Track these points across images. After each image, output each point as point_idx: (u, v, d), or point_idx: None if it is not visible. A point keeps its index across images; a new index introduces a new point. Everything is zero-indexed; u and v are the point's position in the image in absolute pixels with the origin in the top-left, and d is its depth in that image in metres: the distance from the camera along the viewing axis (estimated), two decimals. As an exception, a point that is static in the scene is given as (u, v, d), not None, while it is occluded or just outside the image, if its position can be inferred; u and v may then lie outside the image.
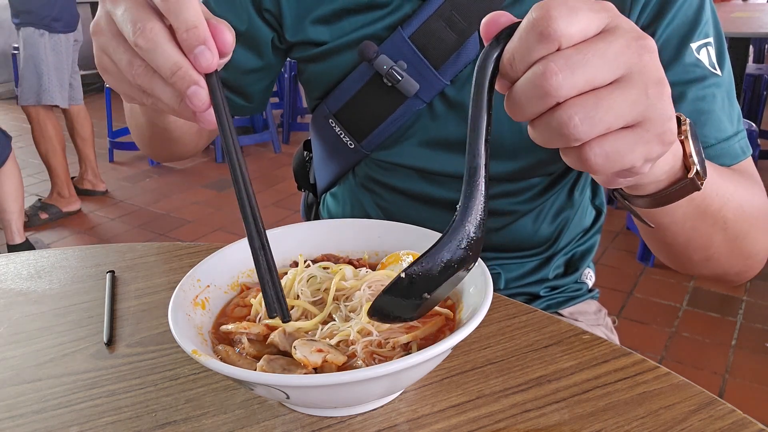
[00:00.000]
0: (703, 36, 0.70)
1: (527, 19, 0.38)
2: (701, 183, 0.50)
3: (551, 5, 0.37)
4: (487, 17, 0.41)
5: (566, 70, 0.37)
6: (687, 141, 0.49)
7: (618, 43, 0.38)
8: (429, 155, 0.81)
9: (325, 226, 0.69)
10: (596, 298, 0.98)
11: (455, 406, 0.54)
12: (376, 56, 0.75)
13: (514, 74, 0.40)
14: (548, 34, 0.37)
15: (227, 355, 0.53)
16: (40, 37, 3.17)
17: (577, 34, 0.37)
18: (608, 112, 0.38)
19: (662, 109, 0.39)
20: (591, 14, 0.38)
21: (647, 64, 0.39)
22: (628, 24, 0.39)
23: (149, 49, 0.44)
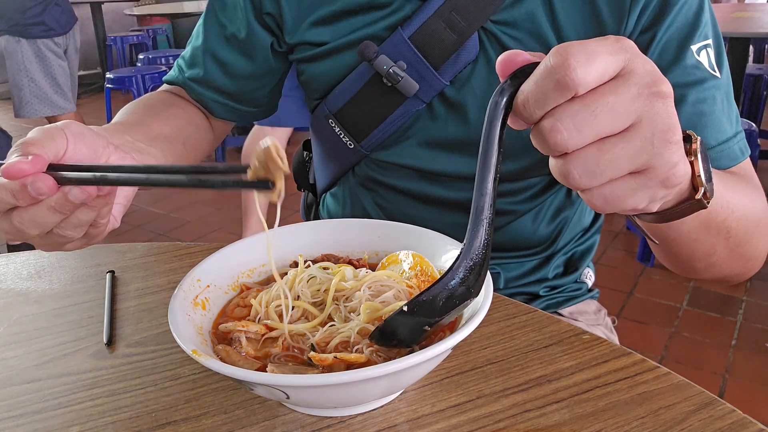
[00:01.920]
0: (703, 38, 0.70)
1: (545, 63, 0.38)
2: (708, 202, 0.50)
3: (570, 52, 0.37)
4: (503, 56, 0.41)
5: (572, 128, 0.38)
6: (696, 161, 0.49)
7: (630, 92, 0.38)
8: (428, 155, 0.81)
9: (325, 226, 0.69)
10: (596, 297, 0.98)
11: (455, 406, 0.54)
12: (376, 56, 0.75)
13: (527, 116, 0.40)
14: (565, 83, 0.37)
15: (227, 355, 0.53)
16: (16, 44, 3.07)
17: (594, 81, 0.37)
18: (609, 166, 0.39)
19: (668, 157, 0.39)
20: (608, 58, 0.38)
21: (658, 112, 0.38)
22: (644, 67, 0.39)
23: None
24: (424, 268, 0.60)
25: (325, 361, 0.49)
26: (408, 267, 0.60)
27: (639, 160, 0.39)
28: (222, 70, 0.86)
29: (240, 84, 0.87)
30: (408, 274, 0.60)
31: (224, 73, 0.86)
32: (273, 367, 0.50)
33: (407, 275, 0.59)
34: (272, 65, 0.86)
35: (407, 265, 0.60)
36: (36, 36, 3.09)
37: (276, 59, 0.86)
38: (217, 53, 0.85)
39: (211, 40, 0.85)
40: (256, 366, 0.52)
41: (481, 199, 0.43)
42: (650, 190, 0.41)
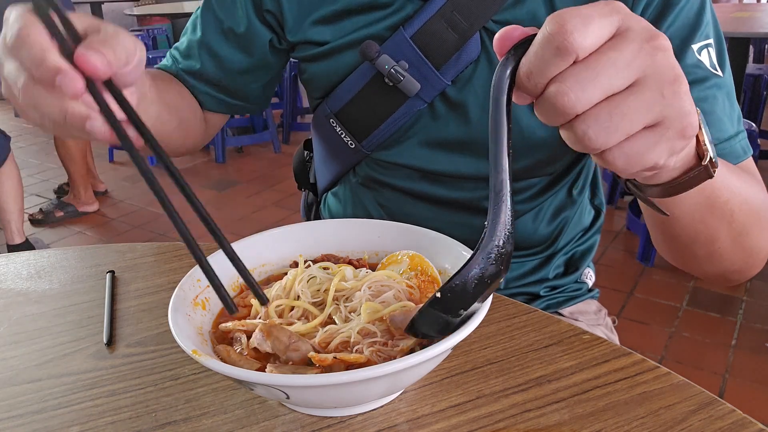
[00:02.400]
0: (704, 37, 0.70)
1: (542, 32, 0.38)
2: (714, 170, 0.50)
3: (565, 18, 0.37)
4: (500, 32, 0.41)
5: (577, 89, 0.38)
6: (701, 130, 0.49)
7: (629, 48, 0.38)
8: (429, 155, 0.81)
9: (325, 226, 0.69)
10: (596, 297, 0.98)
11: (455, 406, 0.54)
12: (377, 56, 0.75)
13: (531, 88, 0.40)
14: (565, 48, 0.37)
15: (228, 355, 0.53)
16: None
17: (592, 43, 0.38)
18: (623, 120, 0.39)
19: (680, 106, 0.39)
20: (603, 20, 0.38)
21: (661, 64, 0.39)
22: (639, 24, 0.39)
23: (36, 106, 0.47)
24: (423, 268, 0.60)
25: (325, 361, 0.49)
26: (407, 267, 0.60)
27: (652, 112, 0.39)
28: (217, 63, 0.85)
29: (234, 78, 0.87)
30: (408, 274, 0.60)
31: (218, 66, 0.86)
32: (272, 367, 0.50)
33: (407, 275, 0.59)
34: (269, 60, 0.86)
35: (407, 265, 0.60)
36: None
37: (274, 55, 0.86)
38: (213, 47, 0.85)
39: (208, 34, 0.85)
40: (256, 366, 0.51)
41: (499, 176, 0.43)
42: (669, 141, 0.40)
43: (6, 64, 0.48)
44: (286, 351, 0.51)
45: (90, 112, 0.46)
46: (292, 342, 0.51)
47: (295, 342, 0.51)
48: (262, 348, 0.52)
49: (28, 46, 0.45)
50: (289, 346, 0.51)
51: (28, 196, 3.50)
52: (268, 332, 0.52)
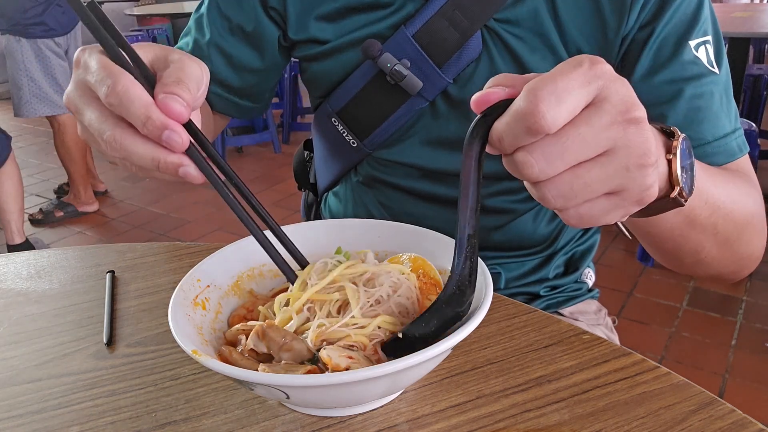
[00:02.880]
0: (702, 34, 0.70)
1: (516, 107, 0.39)
2: (685, 200, 0.51)
3: (540, 96, 0.37)
4: (477, 95, 0.42)
5: (543, 162, 0.39)
6: (675, 159, 0.49)
7: (602, 121, 0.38)
8: (431, 154, 0.81)
9: (325, 226, 0.69)
10: (596, 297, 0.98)
11: (455, 406, 0.54)
12: (379, 54, 0.75)
13: (501, 150, 0.41)
14: (535, 130, 0.38)
15: (230, 355, 0.53)
16: (17, 43, 3.06)
17: (564, 120, 0.38)
18: (584, 189, 0.40)
19: (641, 180, 0.40)
20: (580, 92, 0.38)
21: (632, 138, 0.39)
22: (617, 93, 0.39)
23: (125, 157, 0.47)
24: (425, 270, 0.59)
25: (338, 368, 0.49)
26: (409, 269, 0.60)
27: (613, 183, 0.40)
28: (228, 62, 0.85)
29: (245, 77, 0.86)
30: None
31: (230, 65, 0.85)
32: (264, 366, 0.50)
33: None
34: (278, 60, 0.86)
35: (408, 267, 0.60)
36: (36, 36, 3.08)
37: (281, 54, 0.86)
38: (223, 46, 0.84)
39: (217, 34, 0.84)
40: (257, 366, 0.51)
41: (464, 231, 0.45)
42: (624, 209, 0.41)
43: (87, 112, 0.48)
44: (280, 351, 0.51)
45: (182, 159, 0.48)
46: (286, 342, 0.51)
47: (288, 342, 0.51)
48: (258, 349, 0.52)
49: (128, 102, 0.45)
50: (282, 346, 0.51)
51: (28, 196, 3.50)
52: (263, 333, 0.52)
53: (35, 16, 3.04)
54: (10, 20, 3.02)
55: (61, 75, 3.19)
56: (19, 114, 3.16)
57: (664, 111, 0.69)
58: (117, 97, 0.45)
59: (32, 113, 3.14)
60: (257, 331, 0.53)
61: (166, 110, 0.45)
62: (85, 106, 0.48)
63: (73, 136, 3.28)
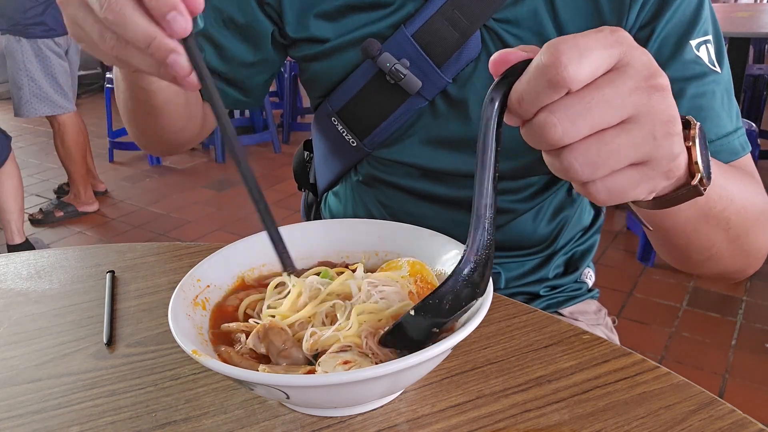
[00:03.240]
0: (702, 33, 0.70)
1: (536, 62, 0.38)
2: (704, 189, 0.50)
3: (561, 49, 0.36)
4: (496, 54, 0.41)
5: (567, 122, 0.37)
6: (694, 147, 0.48)
7: (626, 85, 0.37)
8: (430, 153, 0.81)
9: (324, 226, 0.69)
10: (596, 297, 0.98)
11: (455, 406, 0.54)
12: (379, 54, 0.75)
13: (522, 113, 0.40)
14: (556, 82, 0.37)
15: (228, 356, 0.53)
16: (17, 43, 3.05)
17: (587, 77, 0.37)
18: (610, 156, 0.38)
19: (669, 148, 0.39)
20: (602, 52, 0.37)
21: (656, 104, 0.38)
22: (640, 59, 0.38)
23: (118, 23, 0.44)
24: (423, 275, 0.59)
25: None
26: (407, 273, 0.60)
27: (641, 151, 0.39)
28: (218, 54, 0.84)
29: (236, 70, 0.85)
30: (407, 280, 0.59)
31: (220, 57, 0.84)
32: (265, 367, 0.50)
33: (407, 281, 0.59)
34: (271, 55, 0.85)
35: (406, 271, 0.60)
36: (37, 36, 3.07)
37: (275, 50, 0.85)
38: (214, 37, 0.83)
39: (208, 24, 0.83)
40: (256, 366, 0.51)
41: (481, 200, 0.42)
42: (652, 181, 0.40)
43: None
44: (278, 356, 0.51)
45: (177, 46, 0.45)
46: (285, 348, 0.51)
47: (287, 348, 0.51)
48: (258, 349, 0.52)
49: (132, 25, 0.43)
50: (281, 352, 0.51)
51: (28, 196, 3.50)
52: (265, 334, 0.52)
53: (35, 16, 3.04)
54: (10, 20, 3.02)
55: (62, 75, 3.19)
56: (20, 114, 3.15)
57: None
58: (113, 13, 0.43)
59: (32, 113, 3.14)
60: (258, 331, 0.53)
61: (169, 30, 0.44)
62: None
63: (73, 136, 3.28)
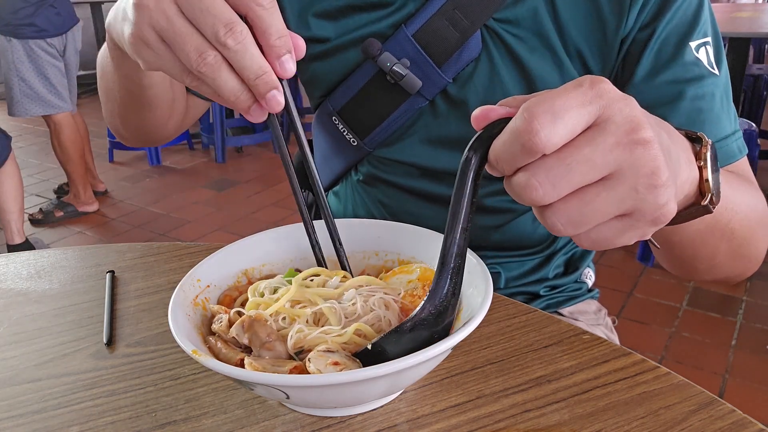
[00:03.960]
0: (702, 35, 0.70)
1: (511, 125, 0.37)
2: (714, 207, 0.49)
3: (534, 114, 0.36)
4: (477, 111, 0.41)
5: (547, 185, 0.37)
6: (705, 167, 0.48)
7: (606, 142, 0.37)
8: (431, 153, 0.82)
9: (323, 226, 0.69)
10: (596, 297, 0.98)
11: (455, 406, 0.54)
12: (379, 54, 0.75)
13: (500, 171, 0.40)
14: (529, 148, 0.36)
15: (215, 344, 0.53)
16: (7, 43, 3.04)
17: (561, 140, 0.37)
18: (593, 213, 0.38)
19: (653, 200, 0.38)
20: (580, 111, 0.36)
21: (638, 158, 0.37)
22: (621, 113, 0.37)
23: (238, 51, 0.45)
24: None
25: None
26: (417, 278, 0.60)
27: (624, 205, 0.38)
28: None
29: None
30: (415, 284, 0.59)
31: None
32: (250, 360, 0.50)
33: (414, 284, 0.59)
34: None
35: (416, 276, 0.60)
36: (27, 36, 3.06)
37: None
38: None
39: None
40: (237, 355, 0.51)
41: (449, 250, 0.44)
42: (639, 230, 0.40)
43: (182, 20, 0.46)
44: (261, 348, 0.51)
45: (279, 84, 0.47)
46: (269, 340, 0.51)
47: (271, 341, 0.51)
48: (240, 339, 0.52)
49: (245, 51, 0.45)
50: (265, 344, 0.51)
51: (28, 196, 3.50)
52: (249, 325, 0.52)
53: (26, 17, 3.03)
54: (1, 20, 3.01)
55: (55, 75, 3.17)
56: (12, 113, 3.16)
57: (665, 112, 0.69)
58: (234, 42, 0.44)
59: (24, 113, 3.13)
60: (243, 321, 0.52)
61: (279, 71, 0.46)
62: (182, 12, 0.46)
63: (70, 135, 3.28)
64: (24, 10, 3.01)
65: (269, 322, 0.53)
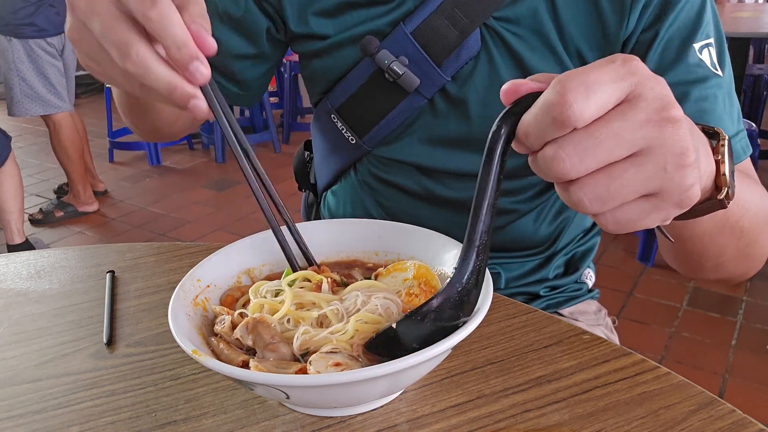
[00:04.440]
0: (705, 36, 0.70)
1: (543, 98, 0.37)
2: (729, 202, 0.49)
3: (568, 87, 0.36)
4: (507, 84, 0.40)
5: (575, 157, 0.37)
6: (723, 161, 0.48)
7: (637, 118, 0.37)
8: (429, 152, 0.81)
9: (325, 226, 0.69)
10: (596, 298, 0.98)
11: (455, 406, 0.54)
12: (377, 51, 0.75)
13: (529, 146, 0.39)
14: (562, 121, 0.36)
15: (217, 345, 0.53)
16: (7, 43, 3.04)
17: (594, 114, 0.36)
18: (620, 191, 0.38)
19: (681, 180, 0.38)
20: (612, 86, 0.36)
21: (669, 137, 0.37)
22: (653, 91, 0.37)
23: (140, 74, 0.45)
24: (428, 279, 0.59)
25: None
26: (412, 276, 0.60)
27: (652, 184, 0.38)
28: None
29: (231, 62, 0.85)
30: (410, 282, 0.59)
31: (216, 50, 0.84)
32: (256, 362, 0.50)
33: (409, 283, 0.59)
34: (266, 49, 0.85)
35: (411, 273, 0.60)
36: (28, 36, 3.06)
37: (271, 45, 0.85)
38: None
39: None
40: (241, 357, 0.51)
41: (476, 227, 0.43)
42: (664, 211, 0.40)
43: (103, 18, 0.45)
44: (265, 349, 0.51)
45: (197, 91, 0.46)
46: (273, 342, 0.51)
47: (275, 343, 0.51)
48: (244, 341, 0.52)
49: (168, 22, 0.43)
50: (269, 345, 0.51)
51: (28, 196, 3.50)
52: (253, 327, 0.52)
53: (26, 17, 3.03)
54: (2, 20, 3.02)
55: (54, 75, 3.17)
56: (12, 113, 3.16)
57: None
58: (158, 14, 0.43)
59: (24, 113, 3.14)
60: (248, 323, 0.52)
61: (199, 41, 0.45)
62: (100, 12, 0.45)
63: (69, 135, 3.28)
64: (24, 10, 3.01)
65: (273, 324, 0.53)
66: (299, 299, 0.56)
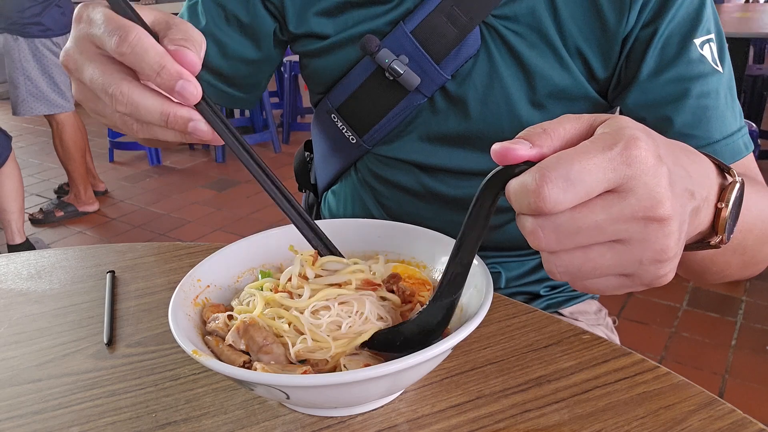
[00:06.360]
0: (706, 32, 0.70)
1: (524, 179, 0.36)
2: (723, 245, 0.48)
3: (547, 178, 0.35)
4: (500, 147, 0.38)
5: (552, 237, 0.37)
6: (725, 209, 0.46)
7: (623, 213, 0.36)
8: (429, 150, 0.82)
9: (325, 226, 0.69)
10: (596, 297, 0.98)
11: (455, 406, 0.54)
12: (377, 50, 0.75)
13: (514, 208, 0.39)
14: (535, 209, 0.36)
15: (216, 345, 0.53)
16: (14, 42, 3.05)
17: (571, 205, 0.36)
18: (592, 271, 0.38)
19: (654, 271, 0.38)
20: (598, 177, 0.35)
21: (652, 234, 0.36)
22: (645, 187, 0.36)
23: (132, 112, 0.46)
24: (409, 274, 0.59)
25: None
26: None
27: (625, 270, 0.38)
28: (221, 52, 0.84)
29: (237, 67, 0.85)
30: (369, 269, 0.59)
31: (223, 55, 0.84)
32: (260, 365, 0.50)
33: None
34: (272, 52, 0.85)
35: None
36: (34, 35, 3.07)
37: (276, 47, 0.85)
38: (217, 35, 0.83)
39: (211, 22, 0.83)
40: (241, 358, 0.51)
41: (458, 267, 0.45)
42: (632, 288, 0.40)
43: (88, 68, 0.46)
44: (259, 352, 0.51)
45: (192, 113, 0.46)
46: (266, 344, 0.51)
47: (269, 344, 0.51)
48: (237, 345, 0.52)
49: (141, 51, 0.44)
50: (262, 347, 0.51)
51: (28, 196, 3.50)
52: (245, 330, 0.52)
53: (33, 16, 3.04)
54: (8, 19, 3.02)
55: (59, 74, 3.18)
56: (17, 112, 3.16)
57: (671, 110, 0.69)
58: (129, 47, 0.43)
59: (29, 112, 3.14)
60: (238, 327, 0.52)
61: (180, 59, 0.45)
62: (87, 62, 0.46)
63: (72, 135, 3.28)
64: (31, 9, 3.02)
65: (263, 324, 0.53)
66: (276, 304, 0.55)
